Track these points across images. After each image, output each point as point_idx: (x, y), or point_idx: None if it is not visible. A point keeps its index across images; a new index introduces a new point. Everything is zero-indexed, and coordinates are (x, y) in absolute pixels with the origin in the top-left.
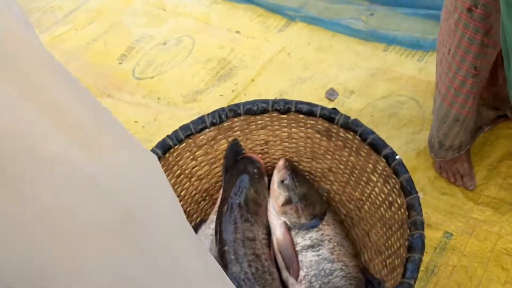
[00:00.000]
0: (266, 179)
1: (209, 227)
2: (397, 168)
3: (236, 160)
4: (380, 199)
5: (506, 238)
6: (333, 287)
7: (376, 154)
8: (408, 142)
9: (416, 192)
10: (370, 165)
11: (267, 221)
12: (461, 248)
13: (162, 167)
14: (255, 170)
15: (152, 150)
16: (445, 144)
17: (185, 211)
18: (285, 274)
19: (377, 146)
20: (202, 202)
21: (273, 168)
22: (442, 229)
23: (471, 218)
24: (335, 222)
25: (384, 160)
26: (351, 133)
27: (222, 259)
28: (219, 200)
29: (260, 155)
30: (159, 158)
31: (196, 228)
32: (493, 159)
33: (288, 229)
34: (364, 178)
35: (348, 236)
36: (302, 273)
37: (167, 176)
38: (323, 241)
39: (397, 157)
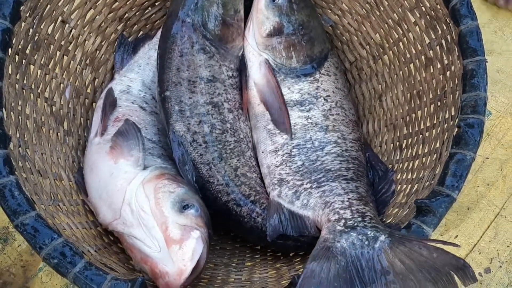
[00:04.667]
0: None
1: (155, 49)
2: (459, 10)
3: None
4: (414, 50)
5: None
6: (321, 168)
7: None
8: None
9: (484, 54)
10: None
11: (240, 51)
12: (499, 133)
13: None
14: None
15: None
16: None
17: (121, 17)
18: (255, 135)
19: None
20: (150, 8)
21: None
22: None
23: None
24: (338, 73)
25: None
26: None
27: (163, 109)
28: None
29: None
30: None
31: (137, 45)
32: None
33: (272, 69)
34: (395, 15)
35: (350, 94)
36: (281, 140)
37: None
38: (318, 98)
39: None
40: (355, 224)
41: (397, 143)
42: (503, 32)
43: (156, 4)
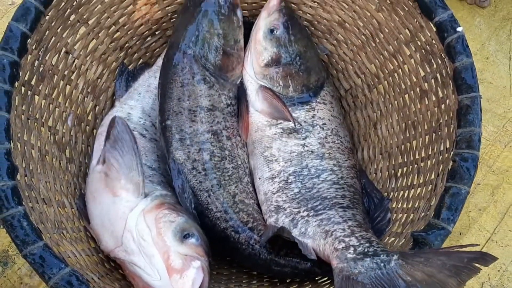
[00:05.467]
0: (240, 14)
1: (154, 77)
2: (454, 47)
3: None
4: (409, 82)
5: None
6: (318, 196)
7: (425, 16)
8: None
9: (478, 90)
10: (407, 31)
11: (239, 79)
12: (489, 160)
13: None
14: (222, 0)
15: None
16: None
17: (122, 46)
18: (252, 161)
19: (430, 6)
20: (150, 37)
21: (260, 8)
22: None
23: (510, 121)
24: (334, 101)
25: (436, 28)
26: None
27: (164, 137)
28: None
29: None
30: None
31: (137, 73)
32: None
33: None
34: (391, 47)
35: (345, 121)
36: (277, 167)
37: None
38: (314, 126)
39: (460, 29)
40: (365, 250)
41: (392, 171)
42: (496, 57)
43: (156, 33)
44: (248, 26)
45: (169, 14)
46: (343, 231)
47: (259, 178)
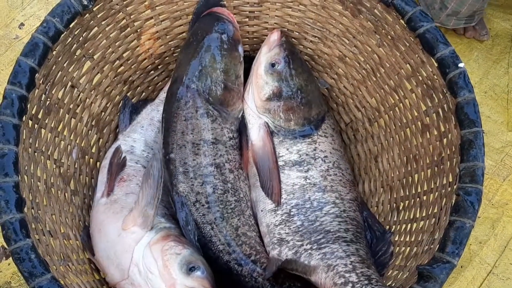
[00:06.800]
0: (241, 50)
1: (157, 110)
2: (456, 82)
3: (200, 19)
4: (410, 116)
5: None
6: (321, 229)
7: (427, 52)
8: None
9: (481, 126)
10: (408, 66)
11: (240, 113)
12: (489, 194)
13: (100, 11)
14: (224, 36)
15: None
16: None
17: (126, 80)
18: (254, 193)
19: (432, 42)
20: (153, 72)
21: (261, 42)
22: None
23: (508, 155)
24: (335, 134)
25: (437, 63)
26: (395, 13)
27: (168, 170)
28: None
29: (246, 19)
30: None
31: (140, 107)
32: None
33: (270, 133)
34: (392, 82)
35: (346, 154)
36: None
37: (105, 23)
38: (316, 159)
39: (461, 65)
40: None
41: (394, 204)
42: (494, 91)
43: (159, 67)
44: (249, 60)
45: (172, 49)
46: (345, 266)
47: (261, 210)
